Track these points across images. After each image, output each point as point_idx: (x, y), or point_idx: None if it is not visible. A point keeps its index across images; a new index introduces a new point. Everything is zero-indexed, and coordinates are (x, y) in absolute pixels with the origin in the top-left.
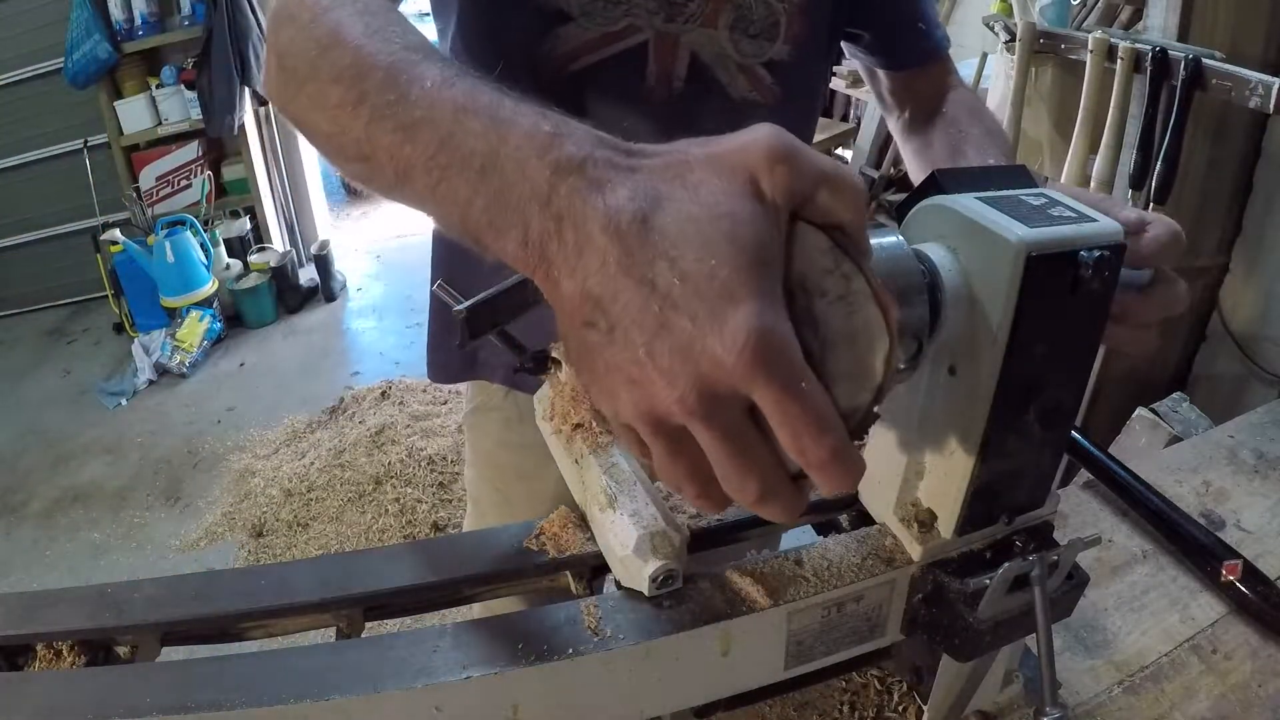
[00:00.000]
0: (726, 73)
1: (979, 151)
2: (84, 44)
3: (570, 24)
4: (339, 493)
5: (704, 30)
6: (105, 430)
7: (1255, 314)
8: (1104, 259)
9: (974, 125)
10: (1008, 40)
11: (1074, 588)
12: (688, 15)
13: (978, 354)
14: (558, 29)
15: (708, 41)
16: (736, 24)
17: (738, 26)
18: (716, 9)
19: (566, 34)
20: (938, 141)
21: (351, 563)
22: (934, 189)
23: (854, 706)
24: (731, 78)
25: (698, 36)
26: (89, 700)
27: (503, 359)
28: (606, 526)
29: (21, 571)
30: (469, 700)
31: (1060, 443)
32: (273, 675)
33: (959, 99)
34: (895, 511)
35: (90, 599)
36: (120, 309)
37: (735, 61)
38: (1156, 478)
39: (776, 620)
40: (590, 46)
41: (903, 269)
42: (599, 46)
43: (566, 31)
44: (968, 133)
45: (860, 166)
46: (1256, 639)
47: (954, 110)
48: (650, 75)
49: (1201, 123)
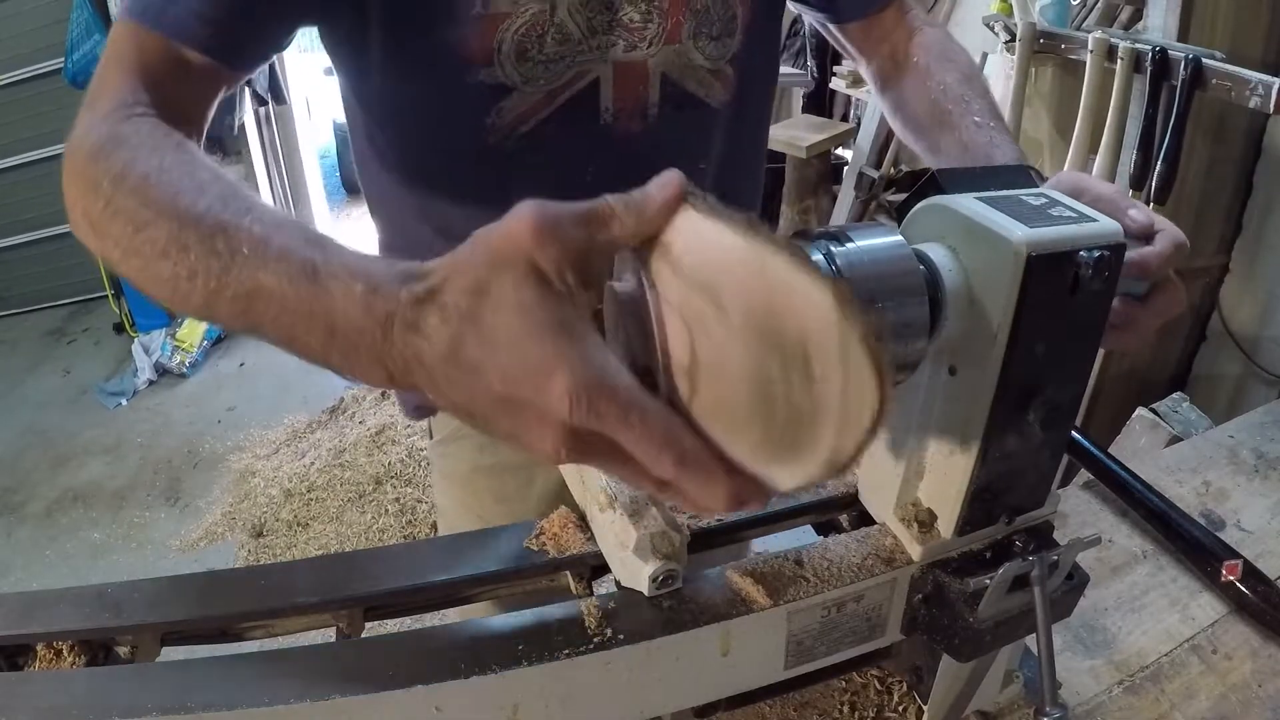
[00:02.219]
0: (700, 84)
1: (960, 105)
2: (84, 44)
3: (512, 93)
4: (339, 493)
5: (669, 47)
6: (105, 430)
7: (1255, 314)
8: (1104, 259)
9: (948, 72)
10: (1008, 40)
11: (1074, 588)
12: (649, 38)
13: (978, 354)
14: (500, 103)
15: (675, 58)
16: (699, 30)
17: (700, 33)
18: (677, 22)
19: (509, 105)
20: (912, 96)
21: (351, 563)
22: (934, 189)
23: (854, 706)
24: (707, 87)
25: (665, 56)
26: (89, 700)
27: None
28: (606, 526)
29: (21, 571)
30: (469, 700)
31: (1060, 443)
32: (273, 675)
33: (926, 42)
34: (895, 511)
35: (90, 599)
36: (120, 309)
37: (706, 69)
38: (1156, 478)
39: (776, 620)
40: (537, 108)
41: (903, 269)
42: (546, 104)
43: (509, 103)
44: (944, 82)
45: (860, 166)
46: (1256, 639)
47: (923, 57)
48: (605, 112)
49: (1201, 123)
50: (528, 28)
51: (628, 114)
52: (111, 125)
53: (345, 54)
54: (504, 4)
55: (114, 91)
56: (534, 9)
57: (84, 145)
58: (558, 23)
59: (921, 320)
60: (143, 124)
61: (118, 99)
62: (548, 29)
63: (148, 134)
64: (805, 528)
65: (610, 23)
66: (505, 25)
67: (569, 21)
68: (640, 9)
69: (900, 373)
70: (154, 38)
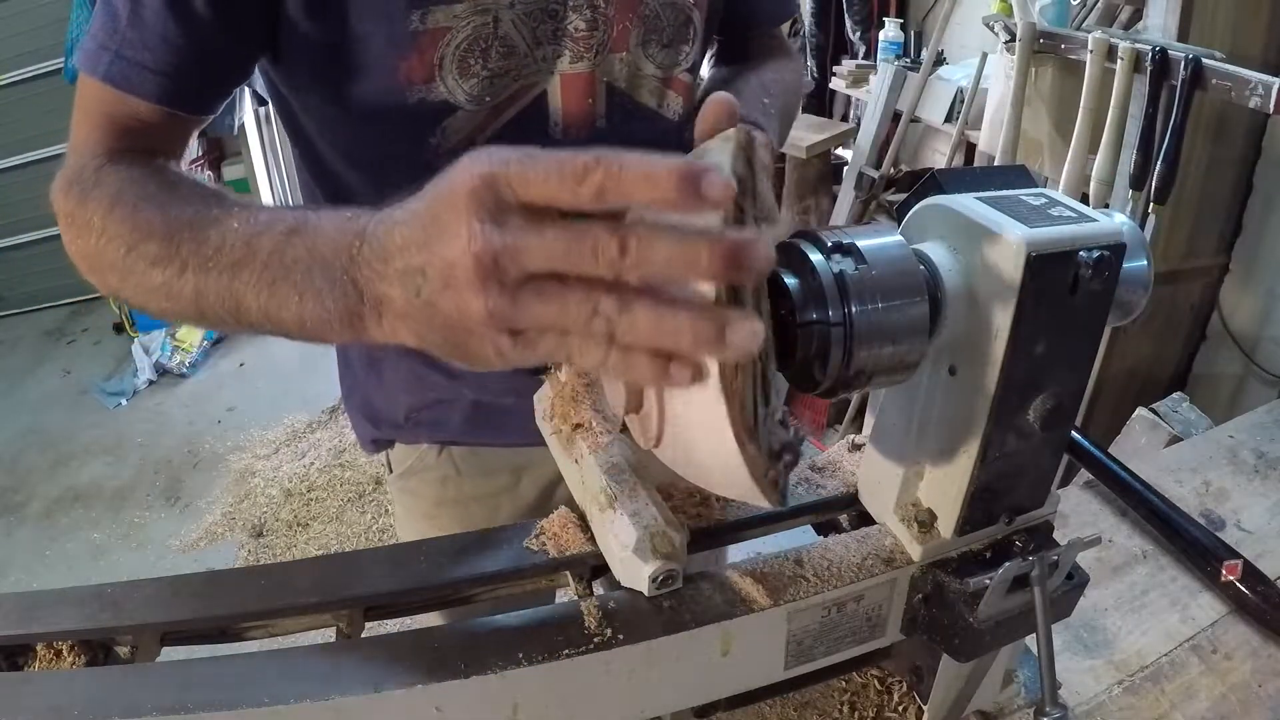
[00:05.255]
0: (653, 94)
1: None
2: None
3: (458, 112)
4: (339, 493)
5: (614, 56)
6: (105, 430)
7: (1255, 314)
8: (1104, 259)
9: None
10: (1008, 40)
11: (1074, 588)
12: (594, 47)
13: (978, 354)
14: (445, 120)
15: (622, 67)
16: (648, 38)
17: (649, 40)
18: (624, 30)
19: (455, 123)
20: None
21: (351, 563)
22: (934, 189)
23: (854, 706)
24: (660, 97)
25: (609, 66)
26: (89, 700)
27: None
28: (606, 526)
29: (21, 571)
30: (469, 700)
31: (1060, 443)
32: (273, 675)
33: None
34: (895, 511)
35: (90, 599)
36: (120, 309)
37: (658, 78)
38: (1156, 478)
39: (776, 620)
40: (483, 125)
41: (903, 269)
42: (492, 120)
43: (454, 121)
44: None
45: (860, 166)
46: (1256, 639)
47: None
48: (555, 128)
49: (1201, 123)
50: (470, 42)
51: (576, 127)
52: (93, 170)
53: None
54: (443, 18)
55: (86, 143)
56: (476, 22)
57: (71, 192)
58: (502, 35)
59: (921, 320)
60: (120, 162)
61: (92, 149)
62: (491, 42)
63: (126, 169)
64: (805, 528)
65: (556, 32)
66: (446, 40)
67: (514, 34)
68: (585, 16)
69: (900, 373)
70: (108, 91)
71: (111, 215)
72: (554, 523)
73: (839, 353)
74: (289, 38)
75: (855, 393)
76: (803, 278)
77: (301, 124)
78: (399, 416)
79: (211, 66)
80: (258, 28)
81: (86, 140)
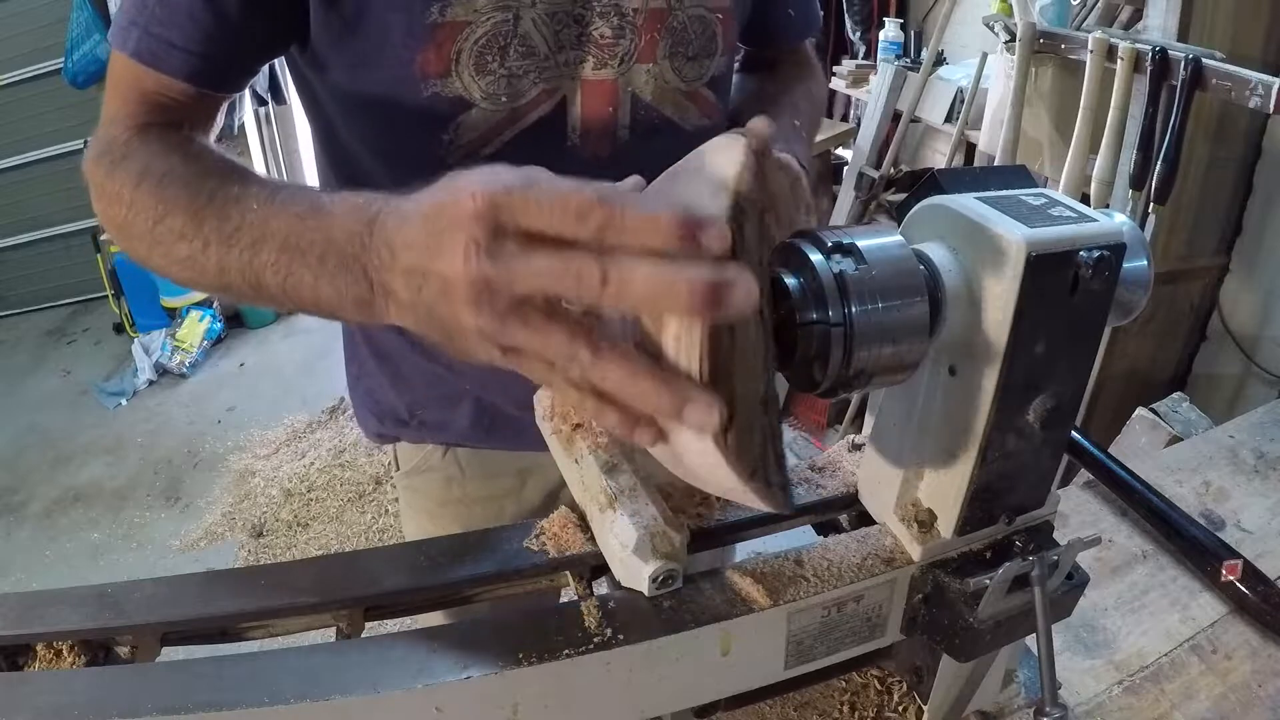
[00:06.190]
0: (676, 107)
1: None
2: (84, 44)
3: (473, 110)
4: (339, 493)
5: (640, 66)
6: (105, 430)
7: (1255, 314)
8: (1104, 259)
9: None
10: (1008, 40)
11: (1074, 588)
12: (620, 55)
13: (978, 354)
14: (459, 117)
15: (648, 78)
16: (675, 49)
17: (676, 52)
18: (651, 40)
19: (470, 121)
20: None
21: (351, 563)
22: (934, 189)
23: (854, 706)
24: (682, 110)
25: (635, 75)
26: (89, 700)
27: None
28: (606, 526)
29: (21, 571)
30: (469, 700)
31: (1060, 443)
32: (273, 675)
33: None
34: (895, 511)
35: (90, 599)
36: (120, 309)
37: (682, 91)
38: (1156, 478)
39: (776, 620)
40: (499, 128)
41: (903, 269)
42: (510, 124)
43: (469, 119)
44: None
45: (860, 166)
46: (1256, 639)
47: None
48: (573, 134)
49: (1201, 123)
50: (488, 38)
51: (596, 136)
52: (122, 143)
53: (309, 69)
54: (462, 12)
55: (117, 116)
56: (496, 19)
57: (101, 163)
58: (522, 34)
59: (921, 320)
60: (149, 135)
61: (123, 121)
62: (510, 40)
63: (153, 143)
64: (805, 528)
65: (579, 37)
66: (464, 35)
67: (534, 34)
68: (612, 23)
69: (900, 373)
70: (137, 67)
71: (139, 189)
72: (554, 523)
73: (839, 353)
74: (313, 20)
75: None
76: (803, 278)
77: (322, 104)
78: (403, 411)
79: (237, 45)
80: (283, 7)
81: (117, 113)
